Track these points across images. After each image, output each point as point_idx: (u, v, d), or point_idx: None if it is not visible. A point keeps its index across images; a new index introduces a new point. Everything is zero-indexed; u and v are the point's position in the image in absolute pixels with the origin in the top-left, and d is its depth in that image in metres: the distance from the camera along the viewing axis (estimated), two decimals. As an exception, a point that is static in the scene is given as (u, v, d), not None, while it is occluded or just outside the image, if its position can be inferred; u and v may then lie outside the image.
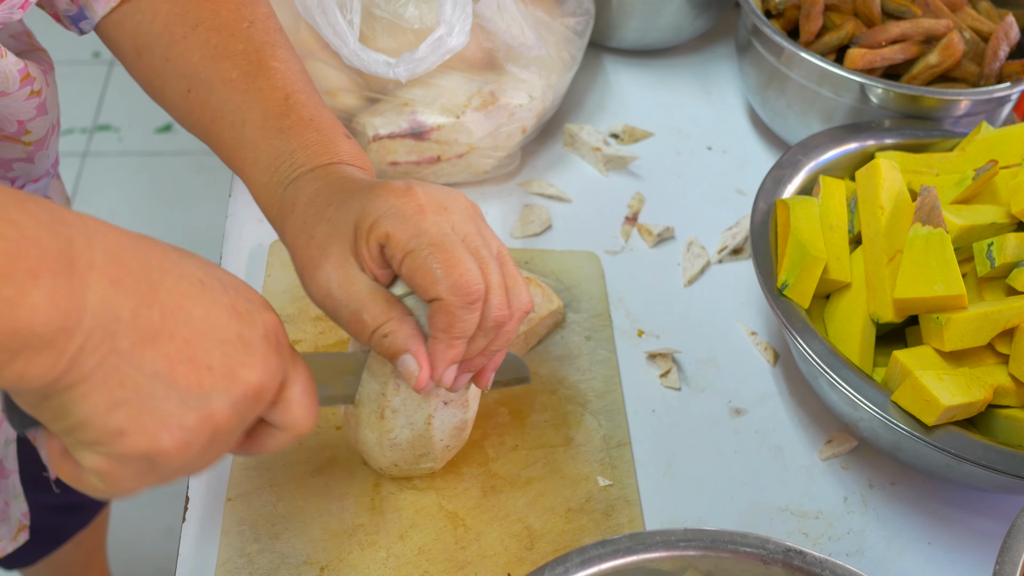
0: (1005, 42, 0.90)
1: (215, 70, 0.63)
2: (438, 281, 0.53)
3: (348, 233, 0.54)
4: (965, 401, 0.63)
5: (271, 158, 0.60)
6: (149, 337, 0.42)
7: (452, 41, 0.76)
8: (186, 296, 0.44)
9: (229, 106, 0.62)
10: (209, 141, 0.65)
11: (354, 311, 0.54)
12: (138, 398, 0.42)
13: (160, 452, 0.44)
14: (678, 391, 0.77)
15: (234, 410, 0.46)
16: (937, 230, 0.68)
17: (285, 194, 0.59)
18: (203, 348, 0.44)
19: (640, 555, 0.49)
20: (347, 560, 0.63)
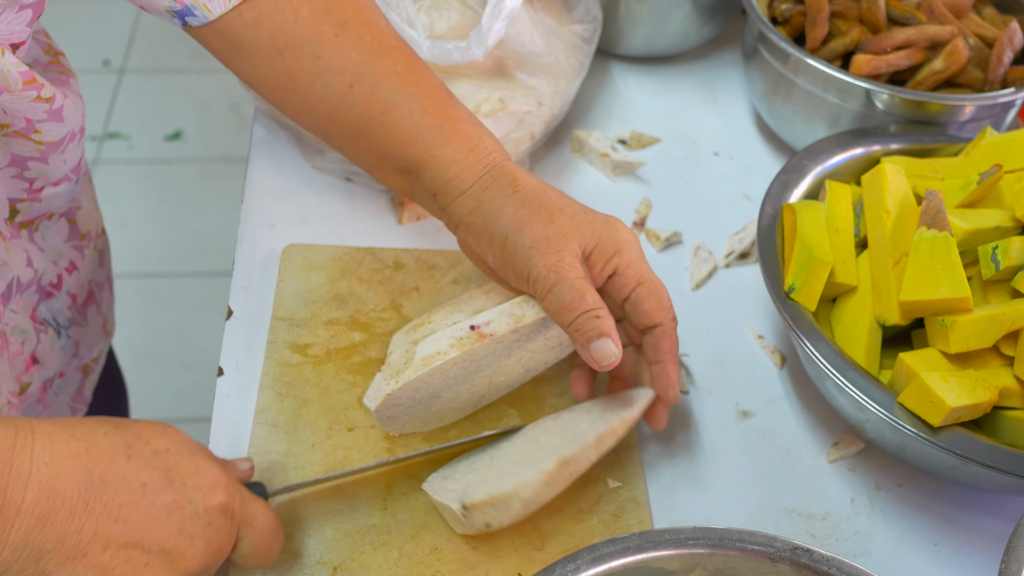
0: (1009, 48, 0.91)
1: (379, 65, 0.68)
2: (663, 310, 0.66)
3: (591, 240, 0.65)
4: (970, 402, 0.64)
5: (463, 141, 0.68)
6: (79, 555, 0.48)
7: (509, 2, 0.77)
8: (124, 506, 0.50)
9: (403, 97, 0.68)
10: (373, 132, 0.69)
11: (579, 290, 0.63)
12: None
13: None
14: (686, 394, 0.78)
15: None
16: (942, 234, 0.69)
17: (491, 172, 0.68)
18: (139, 551, 0.50)
19: (649, 553, 0.49)
20: (359, 560, 0.64)
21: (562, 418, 0.68)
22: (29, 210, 0.74)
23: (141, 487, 0.51)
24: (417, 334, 0.68)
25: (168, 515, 0.51)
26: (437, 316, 0.69)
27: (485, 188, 0.68)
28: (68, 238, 0.82)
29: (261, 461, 0.68)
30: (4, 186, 0.72)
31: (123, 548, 0.50)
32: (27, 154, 0.71)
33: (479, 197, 0.68)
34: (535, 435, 0.68)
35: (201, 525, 0.53)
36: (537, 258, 0.64)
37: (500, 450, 0.67)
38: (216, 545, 0.54)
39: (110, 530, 0.49)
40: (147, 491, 0.51)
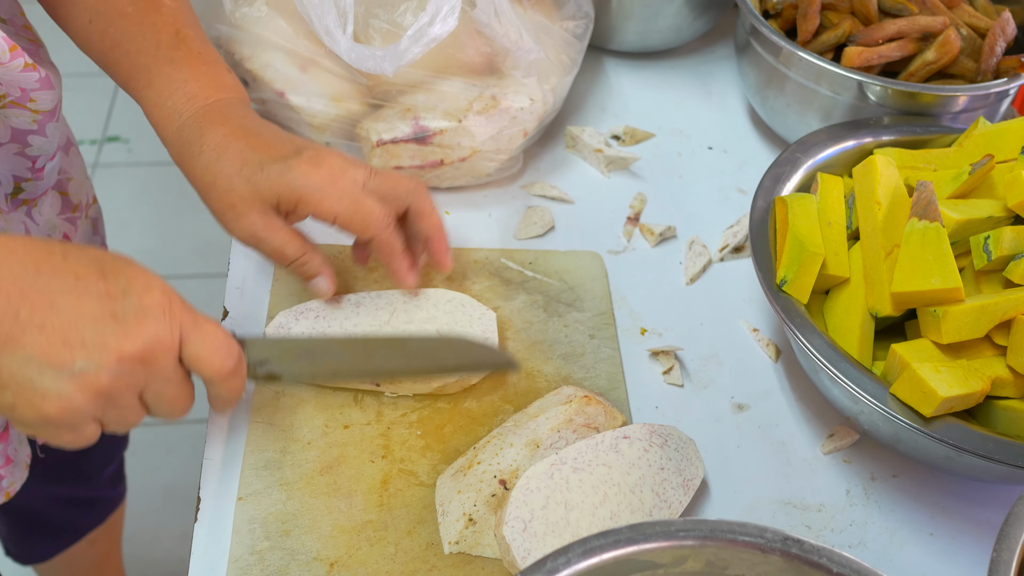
0: (1002, 38, 0.91)
1: (113, 4, 0.72)
2: (367, 228, 0.69)
3: (271, 197, 0.67)
4: (963, 392, 0.64)
5: (165, 83, 0.70)
6: (16, 336, 0.52)
7: (435, 30, 0.78)
8: (57, 291, 0.53)
9: (126, 36, 0.71)
10: (107, 68, 0.74)
11: (277, 247, 0.69)
12: (14, 379, 0.52)
13: (47, 417, 0.54)
14: (681, 388, 0.78)
15: (113, 374, 0.54)
16: (933, 224, 0.69)
17: (186, 129, 0.70)
18: (74, 330, 0.53)
19: (640, 545, 0.50)
20: (356, 556, 0.64)
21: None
22: (33, 189, 0.76)
23: (75, 278, 0.54)
24: (468, 478, 0.67)
25: (100, 300, 0.54)
26: (484, 454, 0.68)
27: (181, 144, 0.70)
28: (61, 211, 0.83)
29: (258, 459, 0.68)
30: (7, 163, 0.73)
31: (58, 330, 0.53)
32: (26, 127, 0.72)
33: (178, 152, 0.71)
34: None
35: (133, 310, 0.55)
36: (232, 224, 0.69)
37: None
38: (152, 335, 0.55)
39: (44, 314, 0.53)
40: (80, 281, 0.54)
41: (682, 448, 0.69)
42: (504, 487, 0.66)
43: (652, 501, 0.66)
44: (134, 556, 1.64)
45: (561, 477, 0.65)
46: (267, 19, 0.85)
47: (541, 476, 0.64)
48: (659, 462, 0.68)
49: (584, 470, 0.65)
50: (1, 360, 0.52)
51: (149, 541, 1.73)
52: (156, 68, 0.71)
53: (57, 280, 0.54)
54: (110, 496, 1.26)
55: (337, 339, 0.71)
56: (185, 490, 1.80)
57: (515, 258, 0.85)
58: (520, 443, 0.68)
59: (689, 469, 0.69)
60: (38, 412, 0.53)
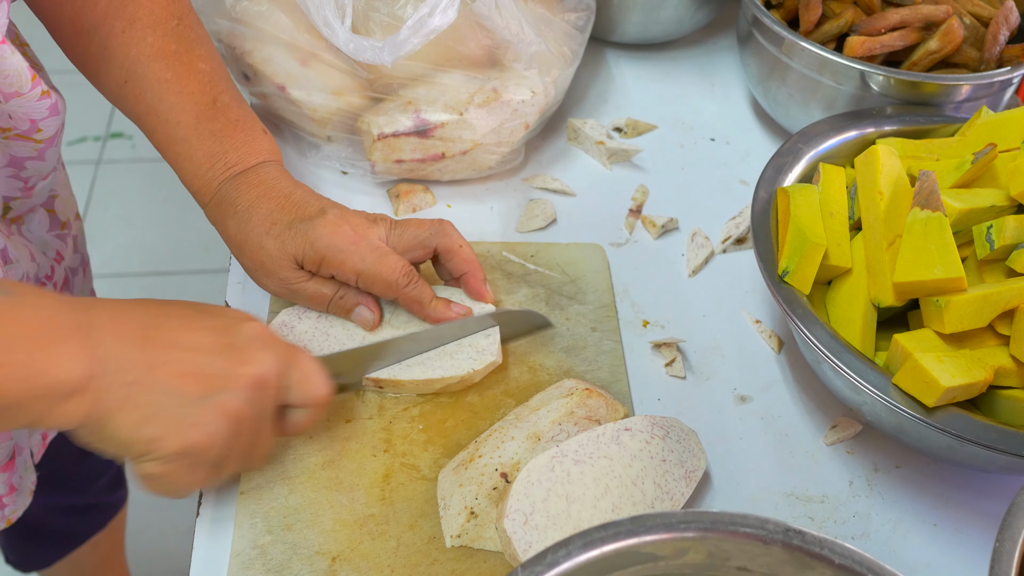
0: (1005, 27, 0.90)
1: (151, 68, 0.72)
2: (389, 288, 0.71)
3: (298, 255, 0.70)
4: (965, 382, 0.63)
5: (205, 156, 0.72)
6: (153, 366, 0.55)
7: (435, 21, 0.78)
8: (174, 330, 0.57)
9: (164, 104, 0.72)
10: (142, 128, 0.74)
11: (312, 294, 0.72)
12: (159, 411, 0.55)
13: (192, 446, 0.56)
14: (683, 380, 0.78)
15: (244, 400, 0.57)
16: (936, 214, 0.69)
17: (222, 190, 0.72)
18: (199, 363, 0.57)
19: (641, 537, 0.49)
20: (358, 550, 0.64)
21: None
22: (20, 206, 0.75)
23: (182, 317, 0.58)
24: (469, 471, 0.67)
25: (212, 334, 0.58)
26: (486, 447, 0.68)
27: (216, 206, 0.72)
28: (49, 228, 0.83)
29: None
30: (1, 186, 0.73)
31: (184, 361, 0.56)
32: (26, 155, 0.72)
33: (213, 212, 0.73)
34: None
35: (245, 341, 0.59)
36: (263, 281, 0.72)
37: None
38: (267, 364, 0.59)
39: (170, 349, 0.56)
40: (188, 319, 0.58)
41: (684, 440, 0.69)
42: (505, 480, 0.66)
43: (654, 493, 0.66)
44: (139, 552, 1.64)
45: (562, 470, 0.65)
46: (267, 13, 0.85)
47: (542, 469, 0.64)
48: (661, 454, 0.67)
49: (585, 462, 0.65)
50: (144, 394, 0.55)
51: (154, 537, 1.73)
52: (196, 141, 0.72)
53: (169, 320, 0.58)
54: (110, 502, 1.26)
55: (388, 341, 0.72)
56: (191, 486, 1.80)
57: (517, 251, 0.85)
58: (521, 436, 0.68)
59: (691, 461, 0.68)
60: (184, 441, 0.56)
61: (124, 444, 0.55)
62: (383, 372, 0.71)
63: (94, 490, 1.21)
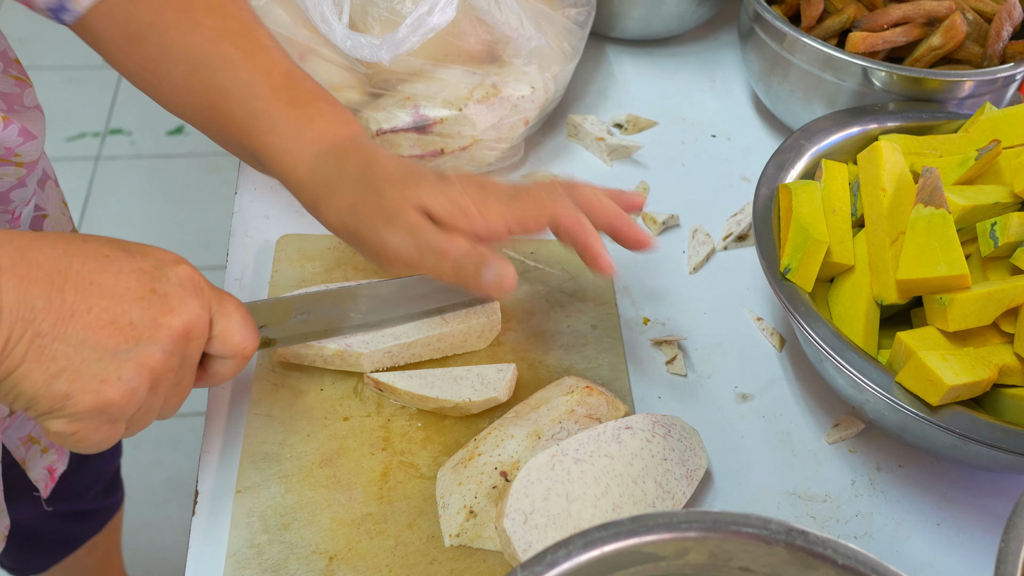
0: (1008, 22, 0.89)
1: (215, 51, 0.67)
2: (543, 212, 0.65)
3: (425, 205, 0.62)
4: (970, 380, 0.63)
5: (291, 125, 0.66)
6: (67, 315, 0.50)
7: (434, 19, 0.77)
8: (94, 272, 0.51)
9: (236, 83, 0.67)
10: (215, 120, 0.68)
11: (440, 248, 0.62)
12: (72, 365, 0.50)
13: (109, 403, 0.51)
14: (684, 377, 0.77)
15: (166, 352, 0.53)
16: (939, 211, 0.68)
17: (320, 160, 0.65)
18: (121, 309, 0.51)
19: (642, 537, 0.49)
20: (356, 549, 0.63)
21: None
22: None
23: (105, 258, 0.53)
24: (468, 470, 0.66)
25: (138, 277, 0.53)
26: (485, 445, 0.68)
27: (318, 180, 0.66)
28: None
29: (256, 452, 0.68)
30: None
31: (104, 309, 0.51)
32: (8, 186, 0.70)
33: (314, 190, 0.66)
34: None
35: (173, 286, 0.54)
36: (388, 233, 0.63)
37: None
38: (193, 312, 0.54)
39: (88, 293, 0.51)
40: (111, 260, 0.53)
41: (685, 438, 0.69)
42: (505, 479, 0.65)
43: (655, 492, 0.65)
44: (136, 550, 1.64)
45: (563, 468, 0.64)
46: (265, 8, 0.85)
47: (542, 467, 0.64)
48: (662, 453, 0.67)
49: (586, 461, 0.65)
50: (56, 346, 0.49)
51: (152, 535, 1.72)
52: (278, 112, 0.66)
53: (90, 261, 0.52)
54: (105, 506, 1.25)
55: (325, 292, 0.70)
56: (188, 483, 1.80)
57: (516, 248, 0.84)
58: (521, 434, 0.68)
59: (693, 460, 0.68)
60: (98, 397, 0.51)
61: (31, 400, 0.50)
62: (384, 376, 0.70)
63: (89, 496, 1.20)
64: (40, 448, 0.93)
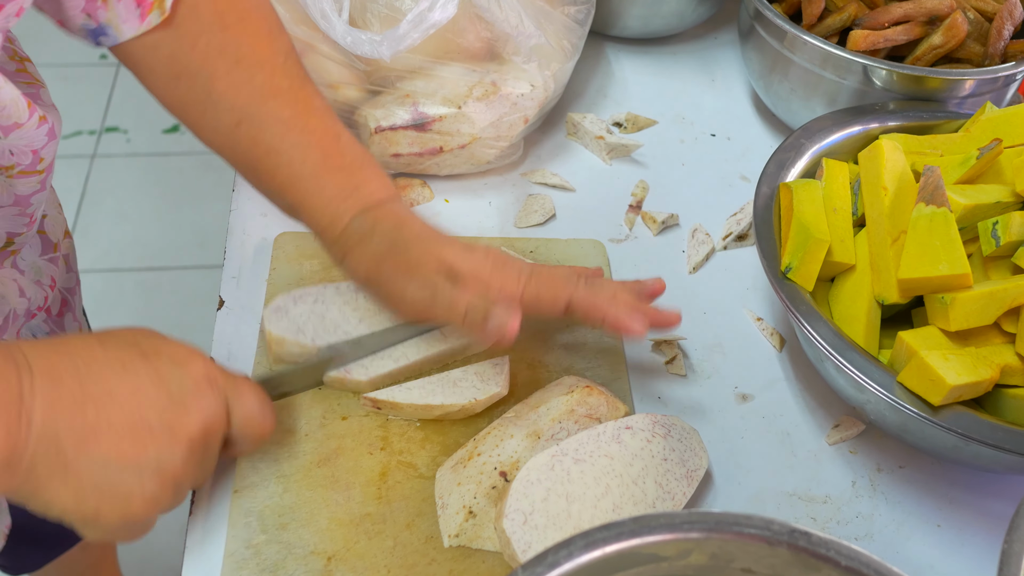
0: (1009, 22, 0.89)
1: (266, 108, 0.68)
2: (558, 298, 0.67)
3: (448, 260, 0.66)
4: (971, 380, 0.63)
5: (337, 191, 0.68)
6: (89, 435, 0.51)
7: (435, 16, 0.76)
8: (112, 381, 0.53)
9: (286, 143, 0.68)
10: (258, 170, 0.70)
11: (450, 302, 0.64)
12: (95, 484, 0.52)
13: (134, 516, 0.54)
14: (684, 378, 0.77)
15: (186, 458, 0.55)
16: (941, 210, 0.68)
17: (355, 222, 0.68)
18: (139, 419, 0.53)
19: (644, 538, 0.48)
20: (354, 549, 0.63)
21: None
22: (22, 240, 0.74)
23: (121, 367, 0.54)
24: (468, 470, 0.66)
25: (155, 386, 0.54)
26: (485, 445, 0.67)
27: (350, 236, 0.68)
28: (42, 252, 0.81)
29: (253, 453, 0.67)
30: (6, 223, 0.71)
31: (125, 424, 0.52)
32: (30, 191, 0.70)
33: (346, 244, 0.68)
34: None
35: (188, 392, 0.55)
36: (407, 284, 0.66)
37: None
38: (209, 411, 0.56)
39: (109, 410, 0.52)
40: (128, 369, 0.54)
41: (685, 439, 0.68)
42: (504, 479, 0.65)
43: (655, 492, 0.65)
44: (131, 549, 1.63)
45: (562, 469, 0.64)
46: (263, 5, 0.84)
47: (542, 468, 0.63)
48: (662, 453, 0.66)
49: (586, 461, 0.64)
50: (80, 467, 0.51)
51: (148, 537, 1.71)
52: (327, 177, 0.68)
53: (108, 372, 0.54)
54: None
55: (329, 349, 0.71)
56: (185, 482, 1.79)
57: (516, 247, 0.83)
58: (521, 434, 0.67)
59: (693, 460, 0.67)
60: (124, 514, 0.53)
61: (62, 515, 0.53)
62: (381, 393, 0.69)
63: None
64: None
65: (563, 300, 0.67)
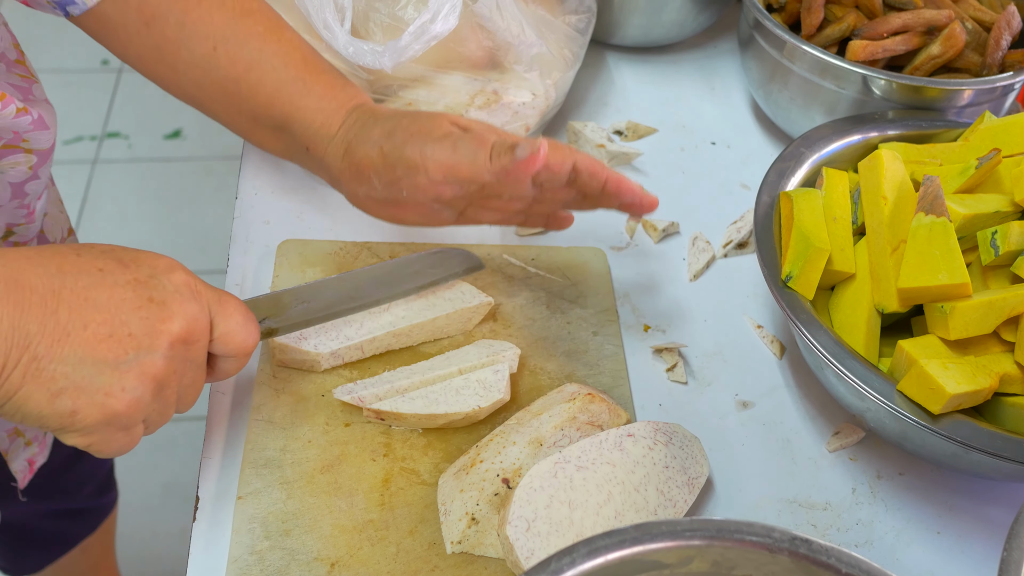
0: (1007, 31, 0.90)
1: (241, 26, 0.70)
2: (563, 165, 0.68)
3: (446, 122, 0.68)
4: (971, 389, 0.63)
5: (325, 88, 0.71)
6: (62, 335, 0.51)
7: (436, 27, 0.77)
8: (89, 287, 0.52)
9: (265, 54, 0.70)
10: (239, 91, 0.71)
11: (480, 130, 0.67)
12: (72, 383, 0.51)
13: (115, 414, 0.53)
14: (685, 385, 0.77)
15: (167, 358, 0.54)
16: (940, 219, 0.68)
17: (352, 114, 0.70)
18: (118, 321, 0.52)
19: (646, 545, 0.49)
20: (357, 556, 0.63)
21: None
22: (25, 232, 0.74)
23: (99, 272, 0.53)
24: (470, 476, 0.66)
25: (133, 288, 0.54)
26: (487, 452, 0.68)
27: (350, 128, 0.70)
28: None
29: (258, 457, 0.68)
30: (4, 215, 0.72)
31: (101, 323, 0.52)
32: (22, 178, 0.70)
33: (346, 138, 0.70)
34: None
35: (169, 293, 0.55)
36: (426, 143, 0.66)
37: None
38: (192, 315, 0.55)
39: (83, 309, 0.51)
40: (106, 274, 0.53)
41: (687, 446, 0.69)
42: (507, 486, 0.65)
43: (657, 500, 0.65)
44: (131, 554, 1.63)
45: (565, 476, 0.64)
46: (266, 13, 0.85)
47: (545, 475, 0.64)
48: (664, 460, 0.67)
49: (588, 468, 0.65)
50: (53, 366, 0.50)
51: (147, 539, 1.72)
52: (312, 78, 0.71)
53: (83, 277, 0.53)
54: (99, 505, 1.25)
55: (324, 281, 0.72)
56: (183, 487, 1.80)
57: (517, 254, 0.84)
58: (523, 441, 0.68)
59: (694, 467, 0.68)
60: (104, 411, 0.52)
61: (39, 419, 0.52)
62: (384, 404, 0.69)
63: (83, 494, 1.20)
64: (24, 441, 0.93)
65: (570, 161, 0.68)
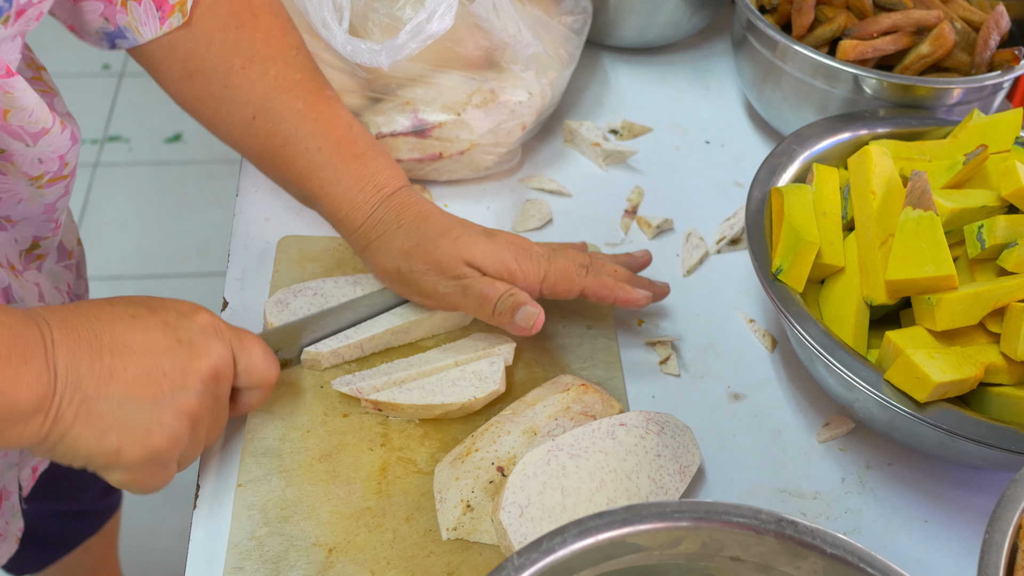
0: (996, 31, 0.91)
1: (280, 100, 0.71)
2: (574, 285, 0.74)
3: (474, 261, 0.71)
4: (956, 378, 0.64)
5: (354, 179, 0.72)
6: (107, 377, 0.55)
7: (432, 27, 0.78)
8: (125, 332, 0.57)
9: (301, 134, 0.71)
10: (274, 162, 0.73)
11: (480, 293, 0.70)
12: (117, 421, 0.55)
13: (156, 451, 0.57)
14: (678, 377, 0.78)
15: (200, 395, 0.58)
16: (927, 213, 0.70)
17: (377, 211, 0.72)
18: (153, 363, 0.57)
19: (636, 526, 0.50)
20: (355, 542, 0.64)
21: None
22: (49, 245, 0.75)
23: (132, 318, 0.58)
24: (466, 465, 0.67)
25: (163, 331, 0.58)
26: (482, 442, 0.69)
27: (372, 227, 0.72)
28: (58, 259, 0.83)
29: (257, 447, 0.69)
30: (33, 228, 0.73)
31: (139, 365, 0.56)
32: (56, 197, 0.72)
33: (368, 236, 0.72)
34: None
35: (195, 335, 0.59)
36: (439, 281, 0.71)
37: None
38: (217, 354, 0.59)
39: (123, 353, 0.56)
40: (138, 320, 0.58)
41: (679, 435, 0.70)
42: (502, 474, 0.67)
43: (648, 487, 0.66)
44: (133, 553, 1.64)
45: (558, 463, 0.65)
46: (267, 14, 0.86)
47: (538, 462, 0.65)
48: (656, 449, 0.68)
49: (581, 456, 0.66)
50: (100, 406, 0.55)
51: (148, 538, 1.73)
52: (342, 165, 0.72)
53: (119, 323, 0.57)
54: (103, 507, 1.26)
55: (329, 311, 0.75)
56: (185, 487, 1.80)
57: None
58: (518, 431, 0.69)
59: (685, 456, 0.69)
60: (146, 447, 0.56)
61: (88, 458, 0.56)
62: (382, 395, 0.71)
63: (87, 496, 1.21)
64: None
65: (576, 291, 0.74)
